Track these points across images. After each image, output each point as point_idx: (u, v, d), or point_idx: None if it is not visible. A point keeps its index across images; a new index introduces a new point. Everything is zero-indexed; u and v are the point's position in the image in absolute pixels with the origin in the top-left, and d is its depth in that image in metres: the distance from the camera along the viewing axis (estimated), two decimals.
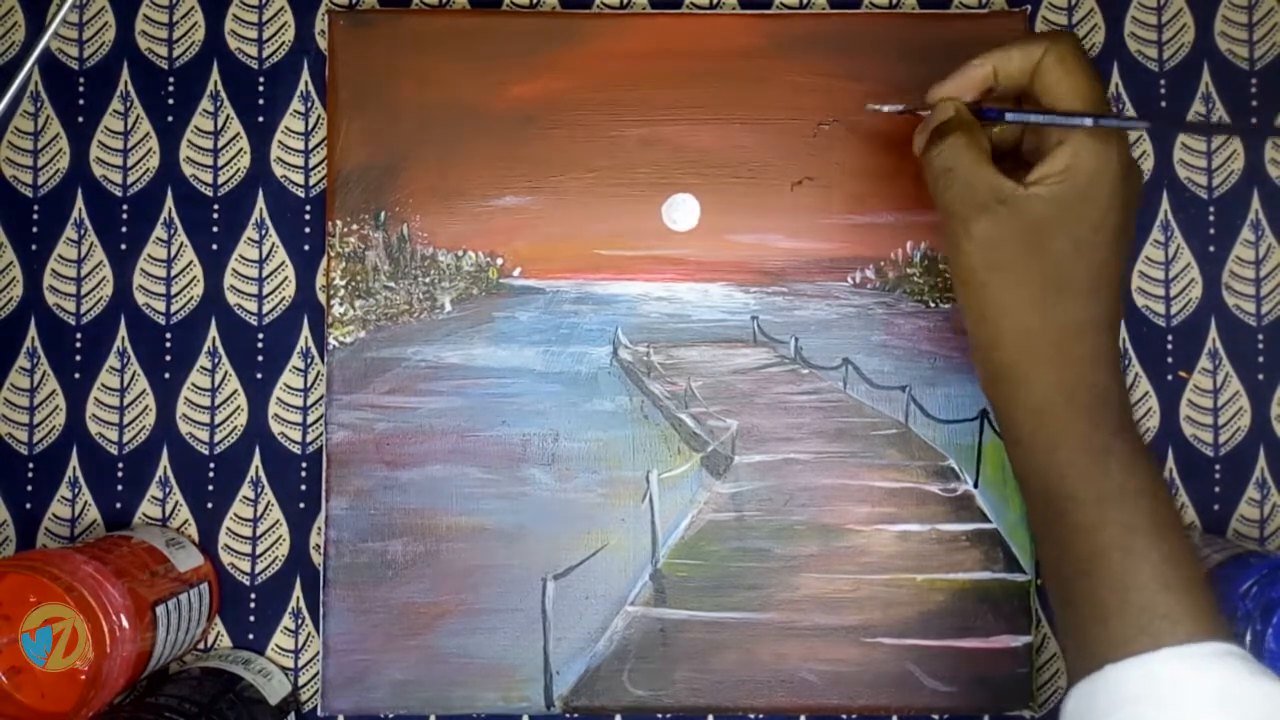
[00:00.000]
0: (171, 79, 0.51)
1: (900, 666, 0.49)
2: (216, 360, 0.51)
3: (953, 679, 0.49)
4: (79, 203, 0.51)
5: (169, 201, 0.51)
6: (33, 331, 0.51)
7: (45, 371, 0.51)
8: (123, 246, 0.51)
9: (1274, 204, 0.51)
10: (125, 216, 0.51)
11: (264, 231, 0.51)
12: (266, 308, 0.51)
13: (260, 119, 0.51)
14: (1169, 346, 0.51)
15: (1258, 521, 0.51)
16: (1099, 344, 0.39)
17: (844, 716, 0.50)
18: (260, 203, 0.51)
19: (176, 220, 0.51)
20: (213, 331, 0.51)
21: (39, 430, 0.51)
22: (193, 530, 0.51)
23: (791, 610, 0.49)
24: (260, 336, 0.51)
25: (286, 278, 0.51)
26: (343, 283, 0.50)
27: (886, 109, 0.44)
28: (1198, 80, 0.52)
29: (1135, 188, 0.40)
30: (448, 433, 0.49)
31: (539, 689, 0.49)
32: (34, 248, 0.51)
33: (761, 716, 0.49)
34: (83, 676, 0.42)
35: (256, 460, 0.51)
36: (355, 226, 0.50)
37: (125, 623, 0.42)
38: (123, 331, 0.51)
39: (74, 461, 0.51)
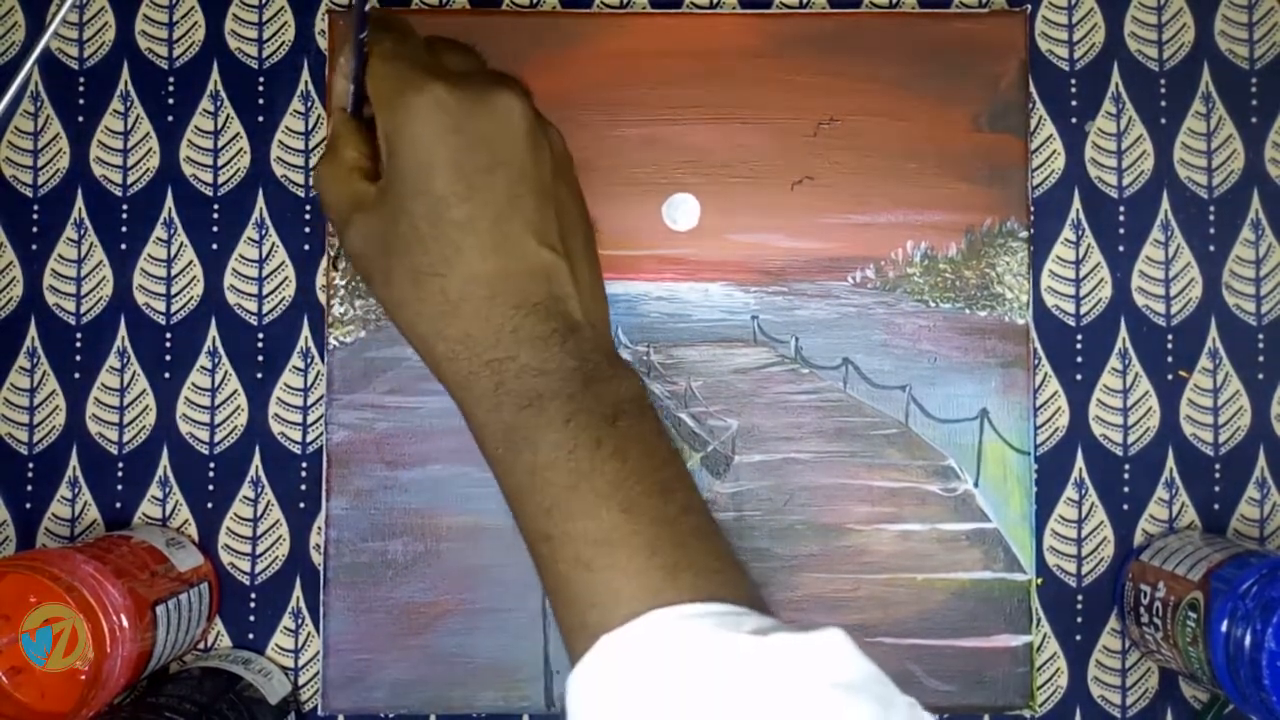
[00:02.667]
0: (171, 79, 0.51)
1: (900, 666, 0.49)
2: (216, 360, 0.51)
3: (953, 678, 0.49)
4: (79, 202, 0.51)
5: (169, 201, 0.51)
6: (33, 331, 0.51)
7: (45, 371, 0.51)
8: (123, 246, 0.51)
9: (1274, 203, 0.51)
10: (125, 216, 0.51)
11: (264, 231, 0.51)
12: (266, 308, 0.51)
13: (260, 119, 0.51)
14: (1169, 346, 0.51)
15: (1258, 521, 0.51)
16: (473, 315, 0.37)
17: None
18: (260, 203, 0.51)
19: (176, 220, 0.51)
20: (213, 331, 0.51)
21: (39, 430, 0.51)
22: (193, 530, 0.51)
23: (792, 610, 0.49)
24: (260, 336, 0.51)
25: (286, 278, 0.51)
26: (343, 283, 0.50)
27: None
28: (1198, 80, 0.52)
29: (479, 135, 0.37)
30: (448, 433, 0.49)
31: (539, 689, 0.49)
32: (34, 248, 0.51)
33: None
34: (83, 676, 0.42)
35: (256, 460, 0.51)
36: None
37: (125, 623, 0.42)
38: (123, 331, 0.51)
39: (74, 461, 0.51)
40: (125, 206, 0.51)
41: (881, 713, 0.31)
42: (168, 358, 0.51)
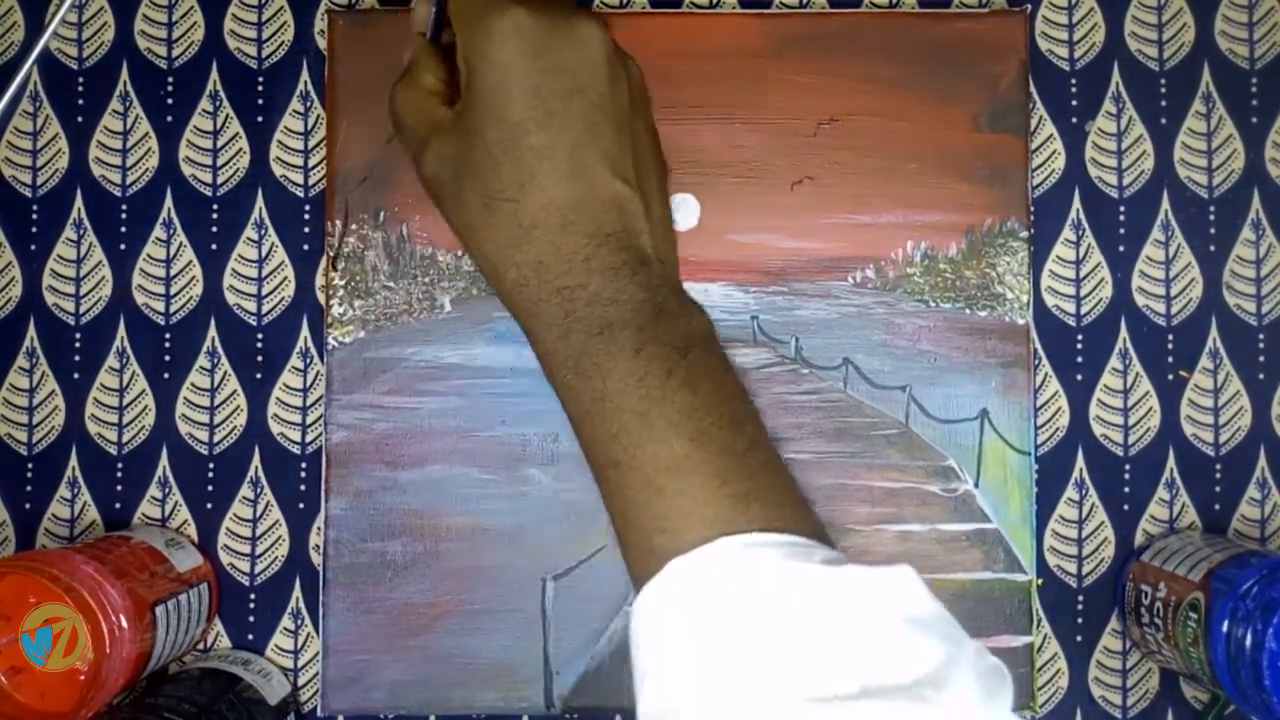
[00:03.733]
0: (171, 79, 0.51)
1: None
2: (216, 360, 0.51)
3: None
4: (78, 203, 0.51)
5: (168, 201, 0.51)
6: (32, 331, 0.51)
7: (44, 371, 0.51)
8: (122, 246, 0.51)
9: (1275, 203, 0.51)
10: (124, 216, 0.51)
11: (263, 231, 0.51)
12: (266, 308, 0.51)
13: (259, 119, 0.51)
14: (1169, 346, 0.51)
15: (1258, 521, 0.51)
16: (549, 237, 0.37)
17: None
18: (259, 203, 0.51)
19: (176, 220, 0.51)
20: (212, 331, 0.51)
21: (38, 430, 0.51)
22: (192, 530, 0.50)
23: None
24: (260, 337, 0.51)
25: (286, 278, 0.51)
26: (342, 283, 0.50)
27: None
28: (1198, 80, 0.52)
29: (558, 62, 0.37)
30: (448, 433, 0.49)
31: (539, 689, 0.49)
32: (33, 248, 0.51)
33: None
34: (82, 677, 0.42)
35: (256, 460, 0.51)
36: (355, 226, 0.50)
37: (125, 623, 0.42)
38: (122, 331, 0.51)
39: (73, 461, 0.51)
40: (124, 206, 0.51)
41: (954, 650, 0.31)
42: (167, 358, 0.51)
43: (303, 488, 0.51)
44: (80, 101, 0.51)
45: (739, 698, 0.31)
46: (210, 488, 0.51)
